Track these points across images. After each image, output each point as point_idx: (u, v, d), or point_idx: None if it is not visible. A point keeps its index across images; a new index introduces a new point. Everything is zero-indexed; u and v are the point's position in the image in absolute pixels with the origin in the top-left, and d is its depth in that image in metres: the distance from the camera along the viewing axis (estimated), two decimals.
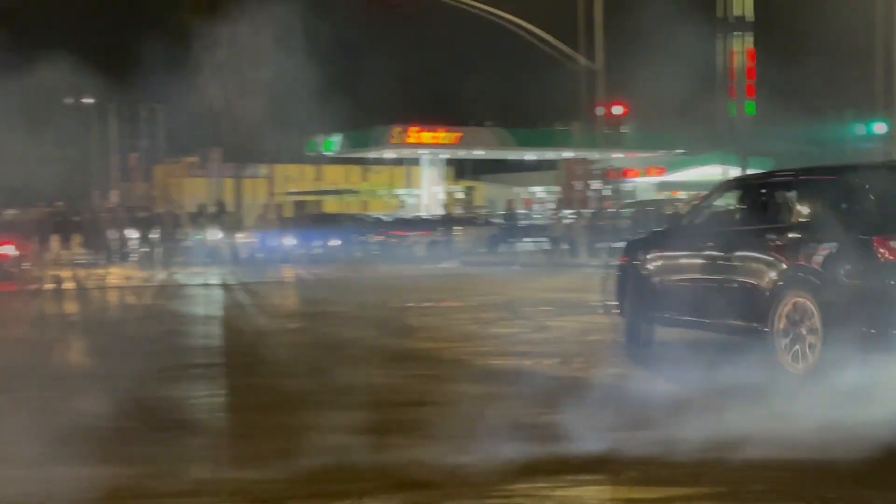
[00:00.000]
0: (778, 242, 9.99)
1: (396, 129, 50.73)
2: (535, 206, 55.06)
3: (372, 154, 57.53)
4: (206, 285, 24.20)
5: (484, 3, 34.01)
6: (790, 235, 9.98)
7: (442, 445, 7.10)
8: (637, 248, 12.66)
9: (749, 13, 33.05)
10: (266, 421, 8.13)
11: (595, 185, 38.49)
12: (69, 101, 58.96)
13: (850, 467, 6.36)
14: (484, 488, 6.05)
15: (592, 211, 32.70)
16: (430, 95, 46.34)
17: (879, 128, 33.00)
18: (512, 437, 7.28)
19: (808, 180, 10.60)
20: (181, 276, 26.78)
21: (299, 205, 50.58)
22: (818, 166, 12.21)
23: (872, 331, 8.93)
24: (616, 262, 13.06)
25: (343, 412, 8.38)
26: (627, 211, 35.31)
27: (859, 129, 34.08)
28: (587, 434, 7.45)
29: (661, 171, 51.74)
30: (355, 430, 7.72)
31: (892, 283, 8.86)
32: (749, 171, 32.96)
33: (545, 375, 10.13)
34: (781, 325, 9.68)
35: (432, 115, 51.23)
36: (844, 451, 6.73)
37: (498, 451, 6.87)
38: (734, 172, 35.92)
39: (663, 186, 50.61)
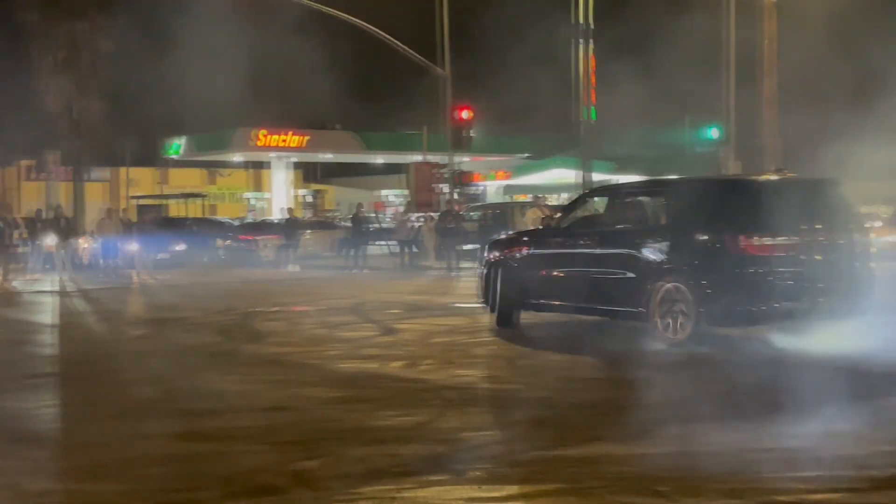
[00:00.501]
0: (653, 239, 11.97)
1: (253, 132, 50.12)
2: (386, 210, 55.11)
3: (218, 157, 56.62)
4: (43, 293, 23.43)
5: (341, 9, 33.86)
6: (664, 233, 11.95)
7: (288, 450, 7.08)
8: (506, 246, 14.42)
9: (591, 20, 33.83)
10: (108, 431, 7.94)
11: (444, 188, 38.78)
12: None
13: (694, 458, 6.59)
14: (330, 493, 6.07)
15: (440, 214, 32.87)
16: (282, 98, 45.83)
17: (714, 133, 34.28)
18: (359, 441, 7.32)
19: (680, 187, 12.88)
20: (18, 284, 25.86)
21: (144, 209, 49.34)
22: (691, 177, 15.32)
23: (737, 308, 11.03)
24: (477, 261, 14.66)
25: (188, 419, 8.26)
26: (475, 214, 35.72)
27: (702, 132, 35.40)
28: (433, 435, 7.54)
29: (507, 175, 52.50)
30: (200, 437, 7.63)
31: (751, 271, 10.98)
32: (592, 175, 33.81)
33: (393, 378, 10.18)
34: (657, 306, 11.59)
35: (284, 118, 50.69)
36: (694, 441, 6.99)
37: (344, 455, 6.90)
38: (579, 176, 36.71)
39: (511, 190, 51.34)
